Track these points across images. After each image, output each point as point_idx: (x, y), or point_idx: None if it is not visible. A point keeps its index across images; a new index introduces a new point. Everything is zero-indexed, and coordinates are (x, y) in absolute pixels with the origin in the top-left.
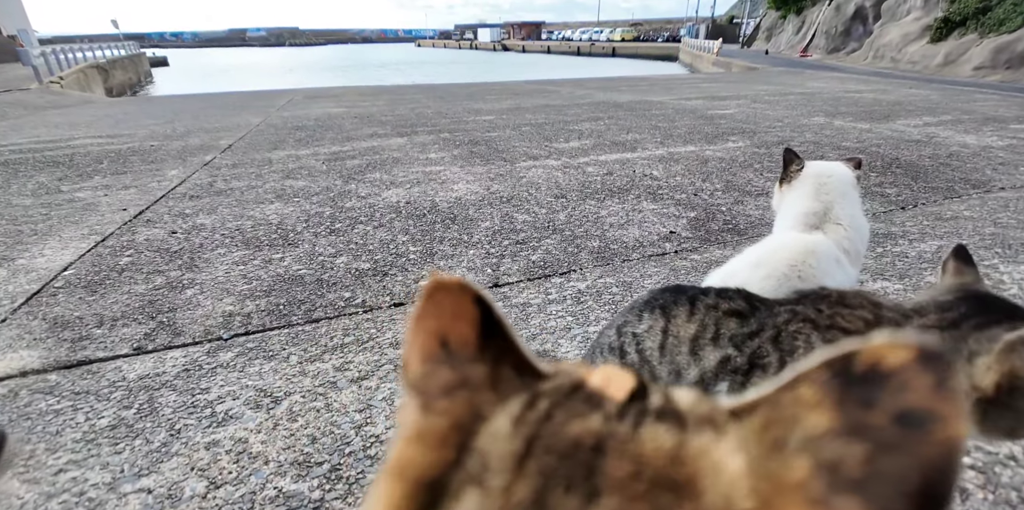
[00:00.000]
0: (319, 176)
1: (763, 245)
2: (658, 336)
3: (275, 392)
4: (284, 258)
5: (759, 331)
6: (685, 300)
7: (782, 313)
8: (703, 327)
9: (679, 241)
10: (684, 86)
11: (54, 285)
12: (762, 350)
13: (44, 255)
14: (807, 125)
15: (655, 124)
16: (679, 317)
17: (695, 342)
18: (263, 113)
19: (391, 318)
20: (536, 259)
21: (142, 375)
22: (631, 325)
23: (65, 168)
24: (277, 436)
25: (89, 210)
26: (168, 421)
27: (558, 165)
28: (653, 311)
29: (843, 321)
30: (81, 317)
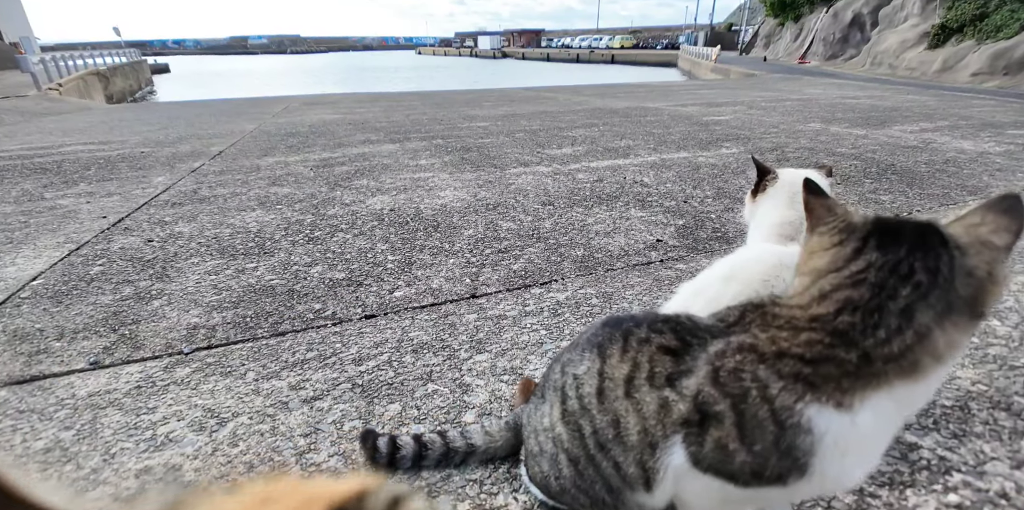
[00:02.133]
0: (305, 183)
1: (735, 257)
2: (595, 379)
3: (223, 413)
4: (258, 267)
5: (694, 368)
6: (620, 336)
7: (714, 343)
8: (636, 366)
9: (665, 250)
10: (681, 92)
11: (20, 295)
12: (705, 396)
13: (15, 264)
14: (802, 131)
15: (649, 130)
16: (613, 356)
17: (630, 384)
18: (258, 120)
19: (360, 331)
20: (517, 268)
21: (92, 392)
22: (572, 365)
23: (52, 175)
24: (213, 463)
25: (69, 218)
26: (105, 444)
27: (548, 172)
28: (592, 350)
29: (790, 344)
30: (42, 329)
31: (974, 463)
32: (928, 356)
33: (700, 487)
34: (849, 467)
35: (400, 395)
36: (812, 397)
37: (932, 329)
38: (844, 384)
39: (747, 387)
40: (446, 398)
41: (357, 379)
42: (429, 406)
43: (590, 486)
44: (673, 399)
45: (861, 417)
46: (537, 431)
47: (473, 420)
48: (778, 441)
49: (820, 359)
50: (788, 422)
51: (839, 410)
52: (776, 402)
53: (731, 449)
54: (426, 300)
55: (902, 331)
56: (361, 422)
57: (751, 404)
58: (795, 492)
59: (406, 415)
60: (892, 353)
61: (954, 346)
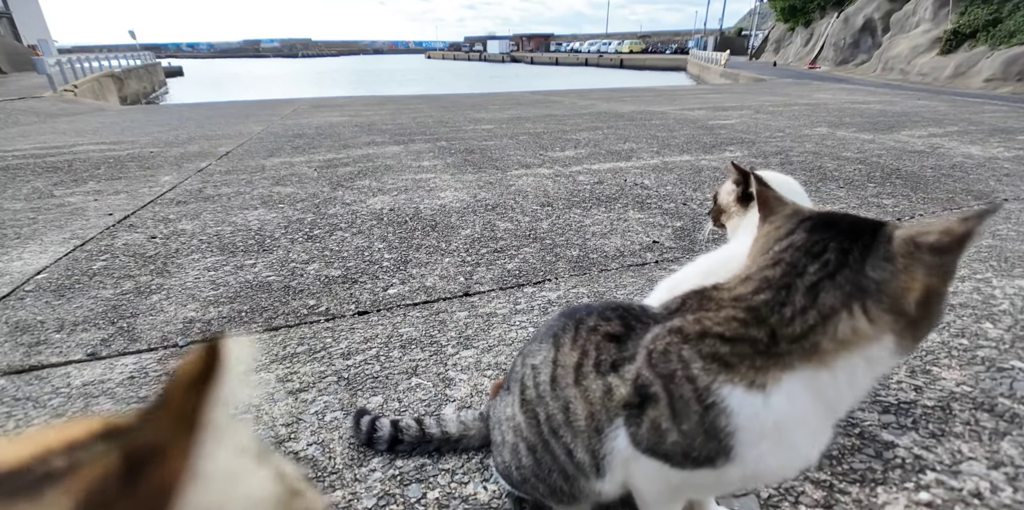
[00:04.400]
0: (308, 183)
1: (716, 254)
2: (549, 368)
3: None
4: (256, 264)
5: (634, 353)
6: (572, 325)
7: (653, 329)
8: (584, 354)
9: (661, 251)
10: (688, 97)
11: (24, 289)
12: (642, 378)
13: (22, 259)
14: (808, 135)
15: (653, 134)
16: (565, 345)
17: (579, 371)
18: (266, 121)
19: (351, 327)
20: (512, 268)
21: (87, 382)
22: (532, 355)
23: (63, 173)
24: None
25: (76, 215)
26: None
27: (549, 173)
28: (548, 340)
29: (712, 323)
30: (43, 321)
31: (950, 462)
32: (831, 340)
33: (643, 470)
34: (767, 454)
35: (384, 388)
36: (726, 377)
37: (837, 311)
38: (756, 363)
39: (674, 368)
40: (428, 391)
41: (344, 372)
42: (411, 399)
43: (547, 474)
44: (616, 384)
45: (773, 400)
46: (500, 421)
47: (451, 412)
48: (702, 420)
49: (735, 338)
50: (707, 401)
51: (750, 391)
52: (697, 382)
53: (664, 428)
54: (419, 298)
55: (806, 310)
56: (343, 413)
57: (677, 384)
58: (727, 477)
59: (387, 407)
60: (795, 332)
61: (864, 337)
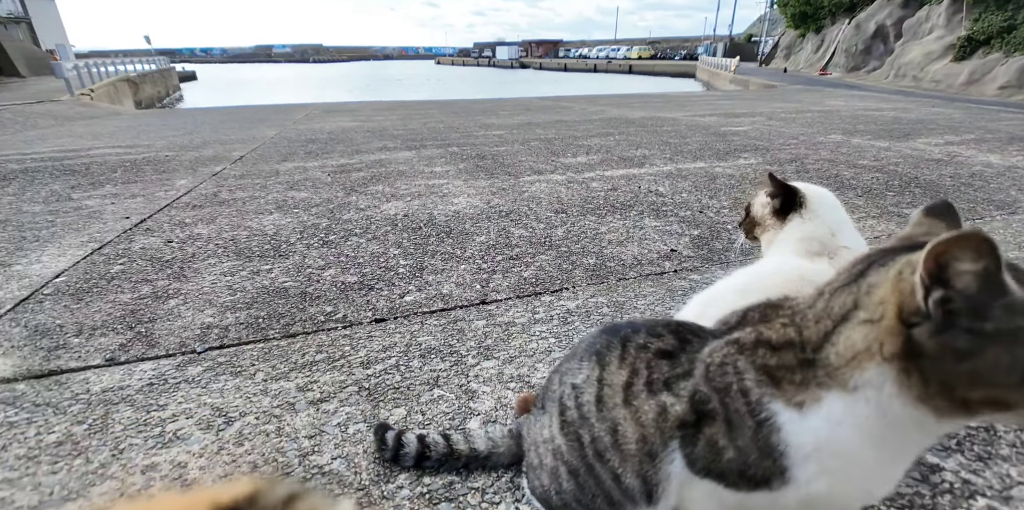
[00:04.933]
0: (322, 188)
1: (753, 269)
2: (594, 388)
3: (231, 412)
4: (272, 269)
5: (691, 369)
6: (617, 342)
7: (711, 343)
8: (634, 372)
9: (679, 260)
10: (699, 103)
11: (43, 292)
12: (700, 394)
13: (41, 262)
14: (823, 143)
15: (666, 140)
16: (612, 363)
17: (628, 390)
18: (279, 126)
19: (369, 335)
20: (528, 276)
21: (106, 388)
22: (571, 374)
23: (80, 176)
24: (218, 462)
25: (93, 218)
26: (115, 439)
27: (562, 180)
28: (591, 358)
29: (766, 332)
30: (62, 325)
31: (1000, 487)
32: (836, 354)
33: (699, 495)
34: (816, 478)
35: (406, 399)
36: (773, 390)
37: (845, 318)
38: (796, 377)
39: (729, 381)
40: (451, 404)
41: (364, 382)
42: (434, 411)
43: (591, 500)
44: (671, 402)
45: (811, 421)
46: (537, 443)
47: (478, 427)
48: (756, 436)
49: (781, 346)
50: (760, 416)
51: (789, 407)
52: (750, 394)
53: (720, 446)
54: (436, 305)
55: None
56: (366, 426)
57: (733, 397)
58: (784, 501)
59: (411, 420)
60: (812, 338)
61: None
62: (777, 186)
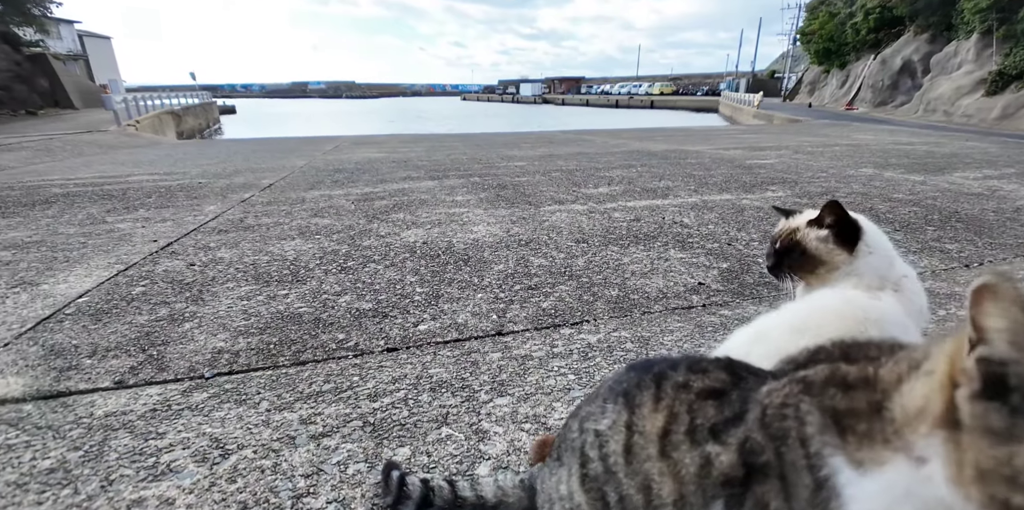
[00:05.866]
0: (345, 215)
1: (809, 306)
2: (622, 435)
3: (229, 444)
4: (288, 294)
5: (743, 412)
6: (650, 380)
7: (771, 383)
8: (673, 417)
9: (708, 294)
10: (723, 137)
11: (64, 312)
12: (752, 443)
13: (67, 282)
14: (854, 176)
15: (689, 172)
16: (644, 406)
17: (665, 439)
18: (309, 156)
19: (379, 365)
20: (547, 307)
21: (109, 412)
22: (594, 419)
23: (116, 201)
24: (207, 500)
25: (123, 240)
26: (107, 469)
27: (583, 210)
28: (617, 399)
29: (844, 370)
30: (77, 346)
31: None
32: (901, 408)
33: None
34: None
35: (412, 438)
36: (837, 439)
37: (915, 368)
38: (863, 426)
39: (788, 425)
40: (460, 445)
41: (370, 417)
42: (441, 453)
43: None
44: (716, 453)
45: (869, 487)
46: (552, 500)
47: (487, 473)
48: (813, 500)
49: (857, 383)
50: (819, 473)
51: (853, 465)
52: (810, 444)
53: (772, 508)
54: (450, 335)
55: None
56: (367, 466)
57: (790, 447)
58: None
59: (415, 461)
60: (883, 380)
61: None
62: (832, 214)
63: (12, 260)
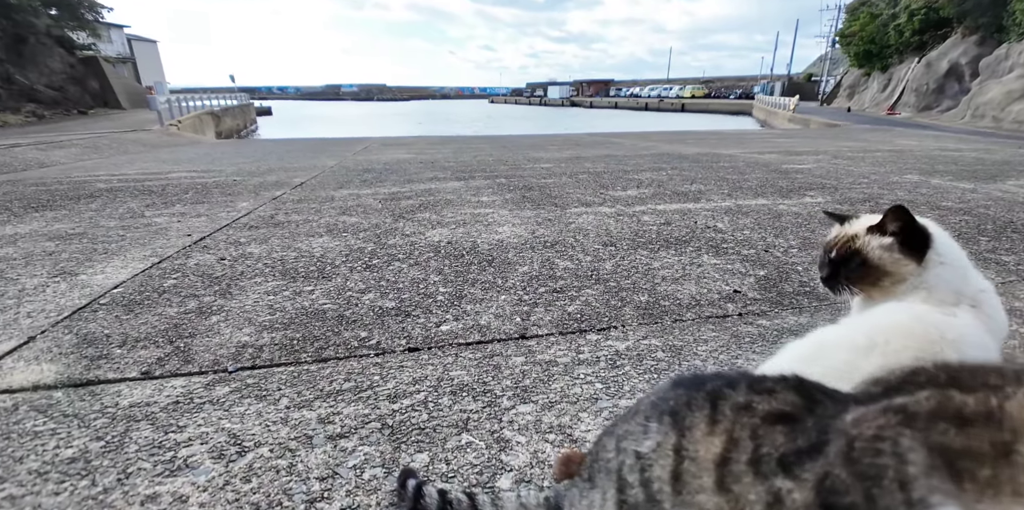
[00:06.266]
0: (372, 214)
1: (873, 321)
2: (669, 460)
3: (246, 441)
4: (314, 291)
5: (821, 443)
6: (703, 399)
7: (857, 409)
8: (733, 443)
9: (744, 302)
10: (757, 141)
11: (99, 302)
12: (834, 481)
13: (104, 273)
14: (898, 183)
15: (722, 176)
16: (696, 427)
17: (723, 469)
18: (339, 156)
19: (400, 365)
20: (572, 311)
21: (134, 402)
22: (633, 439)
23: (155, 196)
24: (220, 499)
25: (159, 234)
26: (126, 461)
27: (611, 212)
28: (661, 418)
29: (958, 399)
30: (109, 335)
31: None
32: None
33: None
34: None
35: (430, 443)
36: (951, 486)
37: None
38: (985, 472)
39: (885, 463)
40: (481, 454)
41: (388, 418)
42: (460, 461)
43: None
44: (787, 489)
45: None
46: None
47: (509, 486)
48: None
49: (976, 418)
50: None
51: None
52: (912, 488)
53: None
54: (472, 337)
55: None
56: (383, 471)
57: (886, 490)
58: None
59: (433, 469)
60: None
61: None
62: (897, 219)
63: (55, 251)
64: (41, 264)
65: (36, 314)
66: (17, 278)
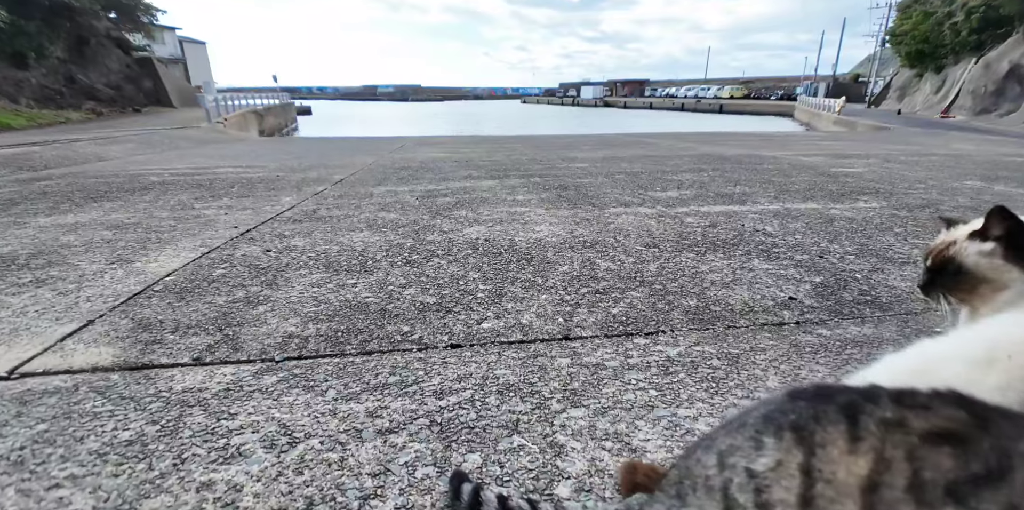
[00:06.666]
0: (410, 210)
1: (988, 333)
2: (795, 480)
3: (296, 432)
4: (357, 284)
5: (1003, 469)
6: (837, 413)
7: None
8: (883, 465)
9: (801, 310)
10: (801, 143)
11: (153, 288)
12: None
13: (157, 261)
14: (958, 189)
15: (768, 178)
16: (831, 445)
17: (872, 495)
18: (376, 154)
19: (444, 361)
20: (617, 313)
21: (187, 388)
22: (743, 455)
23: (204, 190)
24: (273, 491)
25: (208, 226)
26: (181, 446)
27: (652, 213)
28: (780, 434)
29: None
30: (162, 321)
31: None
32: None
33: None
34: None
35: (481, 444)
36: None
37: None
38: None
39: None
40: (535, 458)
41: (436, 415)
42: (514, 465)
43: None
44: None
45: None
46: None
47: (568, 495)
48: None
49: None
50: None
51: None
52: None
53: None
54: (515, 336)
55: None
56: (435, 470)
57: None
58: None
59: (487, 471)
60: None
61: None
62: (1007, 224)
63: (112, 239)
64: (99, 251)
65: (95, 298)
66: (78, 264)
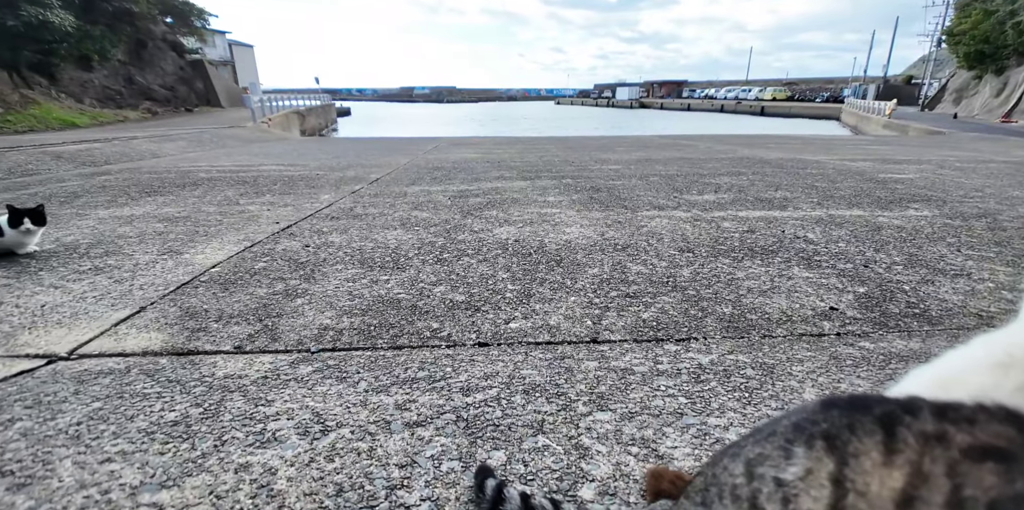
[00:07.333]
0: (442, 210)
1: (1011, 336)
2: (826, 491)
3: (329, 420)
4: (389, 280)
5: None
6: (874, 424)
7: None
8: (920, 478)
9: (842, 321)
10: (847, 147)
11: (200, 279)
12: None
13: (204, 253)
14: (1019, 198)
15: (811, 184)
16: (865, 456)
17: (907, 508)
18: (411, 155)
19: (471, 358)
20: (647, 318)
21: (228, 374)
22: (772, 464)
23: (248, 186)
24: (306, 476)
25: (251, 221)
26: (221, 429)
27: (686, 217)
28: (811, 443)
29: None
30: (207, 310)
31: None
32: None
33: None
34: None
35: (506, 442)
36: None
37: None
38: None
39: None
40: (559, 459)
41: (463, 411)
42: (538, 464)
43: None
44: None
45: None
46: None
47: (592, 498)
48: None
49: None
50: None
51: None
52: None
53: None
54: (542, 336)
55: None
56: (461, 465)
57: None
58: None
59: (511, 470)
60: None
61: None
62: None
63: (164, 231)
64: (152, 242)
65: (147, 287)
66: (132, 254)
